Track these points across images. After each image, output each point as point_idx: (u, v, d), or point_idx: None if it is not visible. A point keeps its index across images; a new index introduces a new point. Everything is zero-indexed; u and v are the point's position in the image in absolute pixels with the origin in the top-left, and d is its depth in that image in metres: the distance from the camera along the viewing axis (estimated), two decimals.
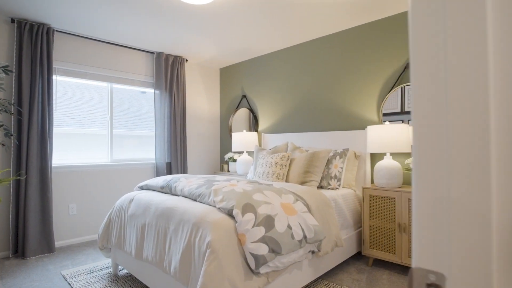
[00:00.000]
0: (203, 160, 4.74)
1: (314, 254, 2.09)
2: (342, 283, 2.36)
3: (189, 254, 1.67)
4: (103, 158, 3.75)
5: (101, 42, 3.64)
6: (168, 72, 4.11)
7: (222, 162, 4.93)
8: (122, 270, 2.65)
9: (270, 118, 4.17)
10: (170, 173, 4.13)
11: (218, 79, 5.00)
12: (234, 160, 4.36)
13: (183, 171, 4.28)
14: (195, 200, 2.06)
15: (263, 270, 1.66)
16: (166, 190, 2.38)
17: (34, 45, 3.04)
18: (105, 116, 3.75)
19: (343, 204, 2.66)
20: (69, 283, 2.38)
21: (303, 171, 2.93)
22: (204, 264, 1.53)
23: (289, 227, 1.83)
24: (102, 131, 3.72)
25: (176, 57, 4.21)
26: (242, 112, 4.54)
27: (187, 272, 1.66)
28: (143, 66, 4.05)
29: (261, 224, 1.72)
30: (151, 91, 4.21)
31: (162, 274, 1.93)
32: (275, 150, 3.47)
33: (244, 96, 4.54)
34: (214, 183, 2.12)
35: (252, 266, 1.61)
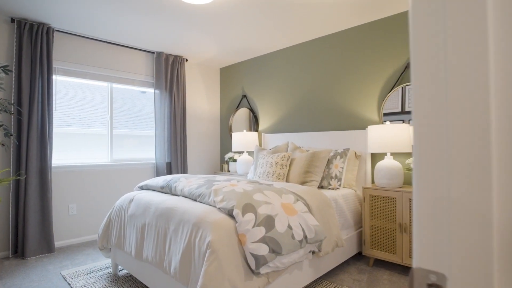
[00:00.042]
0: (203, 160, 4.74)
1: (314, 254, 2.09)
2: (342, 283, 2.36)
3: (189, 254, 1.67)
4: (103, 158, 3.75)
5: (101, 41, 3.64)
6: (168, 72, 4.11)
7: (222, 162, 4.93)
8: (122, 270, 2.65)
9: (270, 118, 4.17)
10: (170, 173, 4.13)
11: (218, 78, 5.00)
12: (234, 160, 4.36)
13: (183, 171, 4.28)
14: (195, 200, 2.06)
15: (263, 270, 1.66)
16: (166, 190, 2.38)
17: (34, 44, 3.04)
18: (105, 116, 3.75)
19: (343, 204, 2.66)
20: (68, 283, 2.38)
21: (303, 171, 2.93)
22: (204, 264, 1.53)
23: (289, 227, 1.83)
24: (102, 131, 3.72)
25: (176, 56, 4.21)
26: (242, 112, 4.54)
27: (187, 273, 1.66)
28: (143, 66, 4.05)
29: (261, 224, 1.72)
30: (151, 91, 4.21)
31: (162, 274, 1.93)
32: (275, 150, 3.47)
33: (244, 96, 4.54)
34: (214, 183, 2.12)
35: (253, 266, 1.61)
